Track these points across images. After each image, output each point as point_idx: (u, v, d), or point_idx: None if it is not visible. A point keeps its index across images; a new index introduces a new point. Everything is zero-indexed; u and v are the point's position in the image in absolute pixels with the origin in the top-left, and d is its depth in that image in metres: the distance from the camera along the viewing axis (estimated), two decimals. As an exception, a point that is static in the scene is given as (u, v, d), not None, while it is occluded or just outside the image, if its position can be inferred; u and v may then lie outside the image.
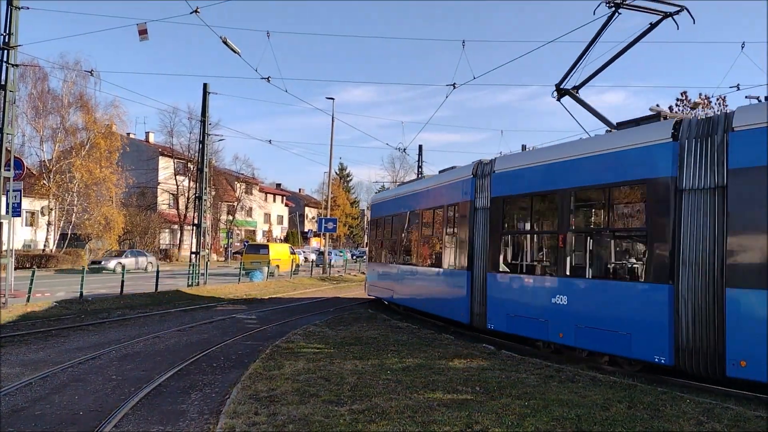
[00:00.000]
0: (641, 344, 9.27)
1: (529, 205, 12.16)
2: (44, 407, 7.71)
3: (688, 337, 8.66)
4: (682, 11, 10.90)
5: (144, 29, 18.14)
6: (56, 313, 16.93)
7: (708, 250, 8.55)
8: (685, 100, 33.19)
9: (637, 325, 9.35)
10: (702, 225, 8.64)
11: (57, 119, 43.96)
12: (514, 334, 12.17)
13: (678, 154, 8.99)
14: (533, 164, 12.02)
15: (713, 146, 8.63)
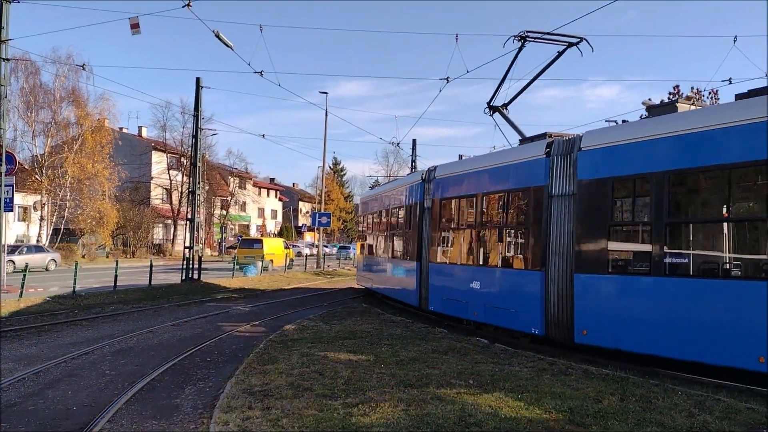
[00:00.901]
0: (524, 319, 11.51)
1: (457, 206, 14.53)
2: (38, 402, 7.70)
3: (554, 312, 10.87)
4: (583, 41, 12.96)
5: (136, 23, 18.07)
6: (49, 308, 16.87)
7: (566, 243, 10.74)
8: (677, 94, 33.27)
9: (521, 303, 11.68)
10: (563, 223, 10.86)
11: (49, 114, 43.74)
12: (447, 314, 14.52)
13: (549, 167, 11.19)
14: (460, 173, 14.48)
15: (569, 162, 10.85)
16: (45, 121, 43.73)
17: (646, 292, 9.43)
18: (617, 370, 9.00)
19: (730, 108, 8.71)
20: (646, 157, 9.50)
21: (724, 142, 8.39)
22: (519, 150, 12.68)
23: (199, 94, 26.40)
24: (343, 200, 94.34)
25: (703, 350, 8.54)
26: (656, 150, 9.35)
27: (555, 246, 10.91)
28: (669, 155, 9.17)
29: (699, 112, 9.56)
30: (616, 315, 9.84)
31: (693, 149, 8.80)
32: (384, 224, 20.31)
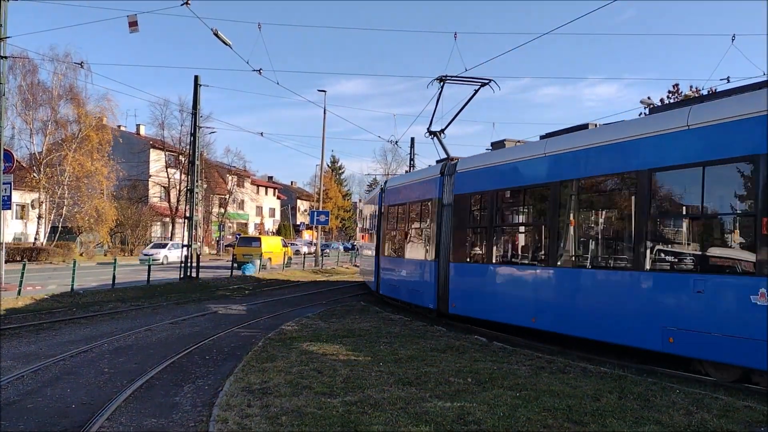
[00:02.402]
0: (426, 298, 15.81)
1: (396, 211, 19.20)
2: (36, 400, 7.70)
3: (441, 292, 14.95)
4: (491, 82, 16.13)
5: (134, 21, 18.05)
6: (48, 306, 16.88)
7: (447, 240, 14.97)
8: (676, 92, 33.31)
9: (425, 286, 15.91)
10: (447, 225, 15.04)
11: (47, 112, 43.75)
12: (391, 297, 18.93)
13: (441, 184, 15.42)
14: (399, 185, 19.42)
15: (451, 181, 15.12)
16: (43, 119, 43.75)
17: (485, 275, 13.58)
18: (615, 368, 9.02)
19: (521, 148, 13.37)
20: (486, 179, 13.80)
21: (519, 172, 12.76)
22: (426, 170, 18.11)
23: (197, 92, 26.39)
24: (341, 198, 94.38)
25: (517, 316, 12.35)
26: (489, 175, 13.70)
27: (443, 242, 15.09)
28: (495, 179, 13.51)
29: (510, 150, 13.86)
30: (470, 292, 14.06)
31: (506, 175, 13.23)
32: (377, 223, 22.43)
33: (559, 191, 11.36)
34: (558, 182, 11.40)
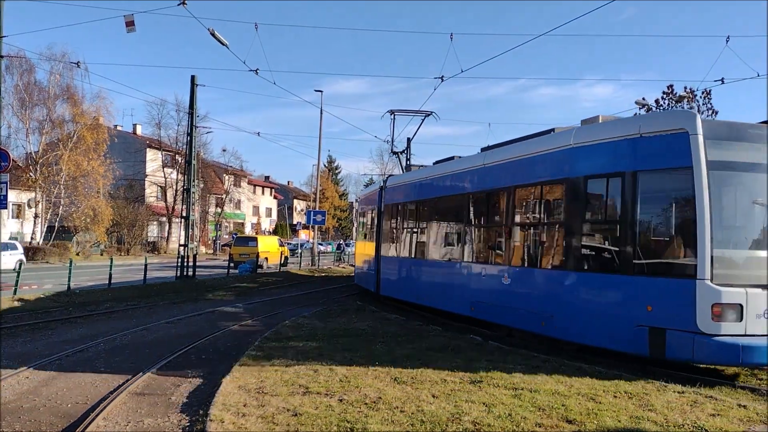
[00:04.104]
0: (371, 284, 20.91)
1: (365, 215, 24.05)
2: (32, 400, 7.70)
3: (383, 280, 19.57)
4: (432, 114, 22.10)
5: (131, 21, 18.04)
6: (44, 305, 16.85)
7: (383, 239, 19.89)
8: (670, 93, 33.42)
9: (371, 276, 20.87)
10: (383, 227, 19.99)
11: (44, 111, 43.65)
12: (358, 284, 24.01)
13: (381, 195, 20.30)
14: (366, 195, 24.55)
15: (383, 193, 20.16)
16: (39, 118, 43.65)
17: (401, 266, 18.08)
18: (610, 367, 9.05)
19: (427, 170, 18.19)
20: (399, 194, 18.85)
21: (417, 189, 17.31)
22: (372, 186, 25.00)
23: (194, 91, 26.38)
24: (338, 198, 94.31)
25: (429, 299, 15.90)
26: (401, 190, 18.73)
27: (383, 241, 19.92)
28: (404, 194, 18.43)
29: (415, 172, 19.80)
30: (390, 278, 19.03)
31: (409, 191, 17.94)
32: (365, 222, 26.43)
33: (431, 206, 16.38)
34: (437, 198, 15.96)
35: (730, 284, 8.40)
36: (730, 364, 8.96)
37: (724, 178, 8.85)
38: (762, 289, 8.46)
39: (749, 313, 8.34)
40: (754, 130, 9.20)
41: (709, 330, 8.29)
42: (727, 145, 8.86)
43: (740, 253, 9.01)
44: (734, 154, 8.88)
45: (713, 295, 8.31)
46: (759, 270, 8.68)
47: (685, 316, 8.48)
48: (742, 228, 9.22)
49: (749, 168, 8.95)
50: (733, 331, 8.29)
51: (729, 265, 8.66)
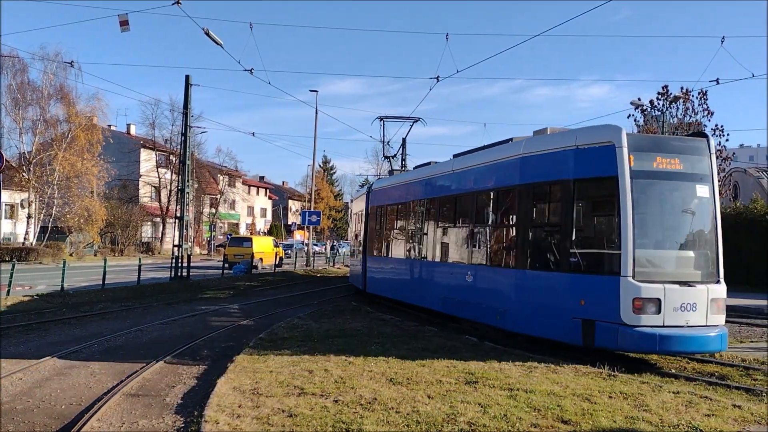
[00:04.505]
0: (359, 283, 21.89)
1: (355, 217, 25.48)
2: (26, 401, 7.66)
3: (369, 278, 20.69)
4: (420, 120, 23.53)
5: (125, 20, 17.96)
6: (37, 306, 16.76)
7: (369, 240, 20.99)
8: (665, 94, 33.48)
9: (360, 275, 21.69)
10: (369, 228, 21.13)
11: (37, 111, 43.34)
12: (351, 283, 24.80)
13: (368, 199, 21.44)
14: (357, 197, 26.32)
15: (369, 196, 21.49)
16: (33, 118, 43.36)
17: (383, 265, 19.49)
18: (605, 367, 9.06)
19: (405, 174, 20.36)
20: (381, 197, 20.27)
21: (394, 193, 19.07)
22: (364, 188, 24.76)
23: (188, 91, 26.28)
24: (333, 198, 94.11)
25: (407, 296, 17.08)
26: (383, 194, 20.25)
27: (368, 241, 21.07)
28: (385, 197, 19.95)
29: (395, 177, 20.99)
30: (376, 277, 20.06)
31: (389, 195, 19.59)
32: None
33: (408, 209, 17.84)
34: (414, 201, 17.18)
35: (650, 281, 9.43)
36: (649, 351, 10.02)
37: (646, 186, 9.88)
38: (679, 285, 9.50)
39: (666, 306, 9.36)
40: (675, 142, 10.62)
41: (631, 321, 9.30)
42: (650, 156, 9.93)
43: (659, 253, 10.08)
44: (656, 164, 9.95)
45: (634, 291, 9.32)
46: (676, 268, 9.91)
47: (611, 309, 9.49)
48: (662, 230, 10.31)
49: (669, 176, 10.04)
50: (652, 323, 9.30)
51: (649, 264, 9.69)
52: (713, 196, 10.25)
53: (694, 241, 10.34)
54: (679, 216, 10.40)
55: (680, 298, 9.45)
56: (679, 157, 10.08)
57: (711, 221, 10.27)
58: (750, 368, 9.72)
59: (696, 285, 9.66)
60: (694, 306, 9.51)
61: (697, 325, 9.51)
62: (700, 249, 10.28)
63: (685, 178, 10.13)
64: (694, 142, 10.41)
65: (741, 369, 9.69)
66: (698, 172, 10.21)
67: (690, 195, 10.22)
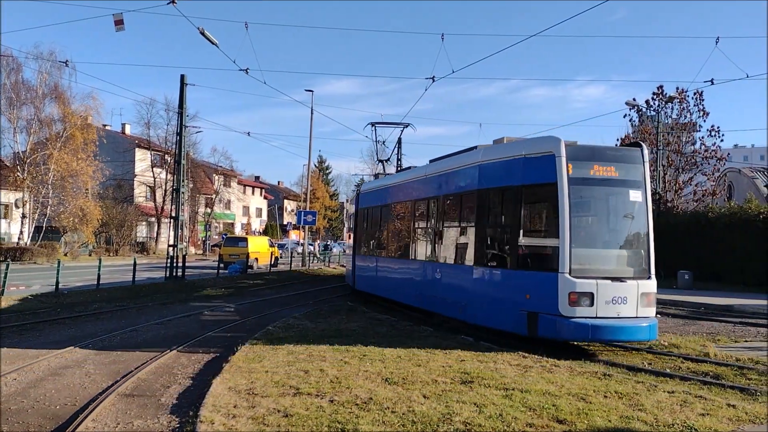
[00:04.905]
0: (350, 280, 22.86)
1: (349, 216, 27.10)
2: (20, 402, 7.64)
3: (357, 276, 21.72)
4: (410, 125, 24.82)
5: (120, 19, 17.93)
6: (31, 306, 16.71)
7: (358, 239, 22.19)
8: (661, 94, 33.58)
9: (350, 274, 22.82)
10: (358, 228, 22.15)
11: (31, 110, 43.19)
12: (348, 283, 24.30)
13: (357, 200, 22.64)
14: (351, 199, 27.10)
15: (358, 197, 22.64)
16: (27, 117, 43.21)
17: (369, 264, 20.54)
18: (600, 364, 9.08)
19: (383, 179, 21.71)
20: (367, 199, 21.34)
21: (376, 196, 20.30)
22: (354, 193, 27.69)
23: (183, 91, 26.23)
24: (328, 198, 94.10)
25: (389, 293, 18.20)
26: (368, 196, 21.37)
27: (357, 241, 22.16)
28: (370, 199, 20.96)
29: (380, 180, 22.39)
30: (363, 275, 21.05)
31: (372, 197, 20.74)
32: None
33: (388, 210, 18.90)
34: (393, 203, 18.52)
35: (585, 277, 10.43)
36: (583, 340, 10.96)
37: (583, 191, 11.00)
38: (611, 281, 10.53)
39: (599, 299, 10.35)
40: (611, 152, 11.55)
41: (568, 313, 10.32)
42: (587, 165, 10.92)
43: (594, 252, 11.12)
44: (591, 172, 10.97)
45: (571, 285, 10.34)
46: (607, 265, 10.97)
47: (551, 302, 10.51)
48: (597, 231, 11.65)
49: (605, 182, 11.09)
50: (586, 314, 10.31)
51: (584, 261, 10.66)
52: (646, 200, 11.16)
53: (627, 240, 11.35)
54: (614, 218, 11.56)
55: (612, 293, 10.43)
56: (615, 165, 11.09)
57: (643, 223, 11.15)
58: (744, 368, 9.75)
59: (627, 281, 10.66)
60: (624, 299, 10.50)
61: (627, 317, 10.50)
62: (632, 248, 11.27)
63: (619, 184, 11.14)
64: (628, 152, 11.44)
65: (735, 368, 9.72)
66: (632, 178, 11.18)
67: (624, 199, 11.19)
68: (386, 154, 27.27)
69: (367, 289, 20.59)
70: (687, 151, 33.83)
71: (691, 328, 14.81)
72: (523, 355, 10.14)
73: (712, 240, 26.32)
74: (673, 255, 27.50)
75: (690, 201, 33.96)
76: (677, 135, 33.83)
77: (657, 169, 32.45)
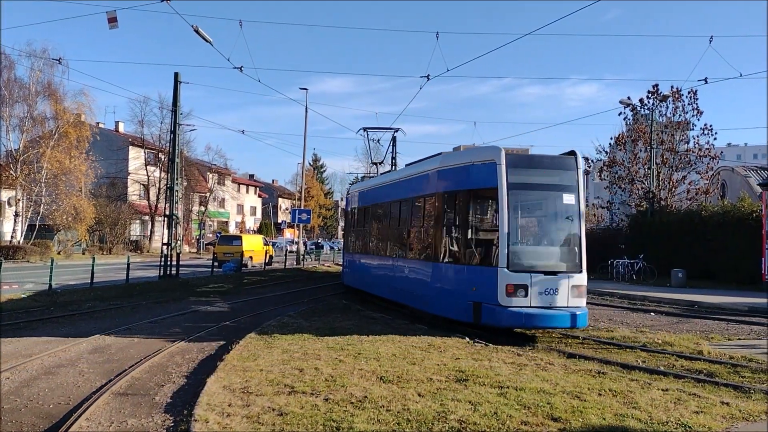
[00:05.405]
0: (341, 278, 24.32)
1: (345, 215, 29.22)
2: (13, 401, 7.60)
3: (345, 272, 23.51)
4: (399, 130, 26.83)
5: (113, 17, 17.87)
6: (24, 305, 16.62)
7: (347, 238, 24.13)
8: (655, 93, 33.66)
9: (342, 270, 24.59)
10: (346, 228, 25.02)
11: (24, 108, 43.00)
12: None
13: (348, 199, 23.85)
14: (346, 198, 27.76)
15: (352, 197, 23.12)
16: (20, 115, 43.02)
17: (354, 261, 21.72)
18: (595, 362, 9.10)
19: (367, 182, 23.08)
20: (353, 200, 22.57)
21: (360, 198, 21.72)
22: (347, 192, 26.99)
23: (177, 89, 26.13)
24: (323, 197, 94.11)
25: (370, 287, 19.32)
26: (354, 198, 22.63)
27: (346, 239, 23.67)
28: (356, 200, 22.21)
29: (365, 182, 23.60)
30: (350, 271, 22.66)
31: (357, 199, 21.96)
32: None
33: (369, 211, 20.34)
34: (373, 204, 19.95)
35: (521, 271, 11.67)
36: (518, 327, 12.20)
37: (520, 195, 12.26)
38: (544, 274, 11.73)
39: (533, 291, 11.61)
40: (547, 159, 12.70)
41: (505, 303, 11.59)
42: (525, 171, 12.23)
43: (530, 249, 12.59)
44: (529, 178, 12.30)
45: (508, 278, 11.59)
46: (542, 261, 12.11)
47: (491, 293, 11.77)
48: (533, 230, 13.15)
49: (541, 187, 12.51)
50: (521, 304, 11.57)
51: (521, 257, 11.91)
52: (578, 203, 12.28)
53: (561, 239, 12.59)
54: (549, 219, 12.96)
55: (545, 285, 11.69)
56: (551, 172, 12.43)
57: (576, 223, 12.32)
58: (738, 365, 9.79)
59: (559, 274, 11.85)
60: (556, 291, 11.72)
61: (559, 306, 11.70)
62: (565, 245, 12.45)
63: (554, 189, 12.41)
64: (563, 159, 12.55)
65: (729, 366, 9.76)
66: (566, 183, 12.34)
67: (558, 202, 12.45)
68: (380, 157, 27.94)
69: (353, 284, 21.96)
70: (681, 150, 33.93)
71: (684, 326, 14.87)
72: (518, 353, 10.16)
73: (706, 238, 26.41)
74: (667, 253, 27.67)
75: (683, 199, 34.08)
76: (671, 133, 33.92)
77: (651, 168, 32.55)
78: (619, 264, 28.36)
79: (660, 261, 27.20)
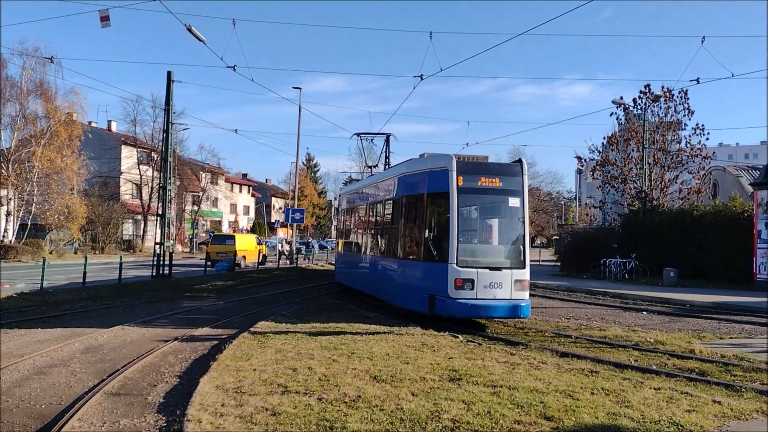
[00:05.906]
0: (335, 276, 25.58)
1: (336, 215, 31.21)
2: (5, 401, 7.55)
3: (336, 270, 25.46)
4: (391, 135, 27.68)
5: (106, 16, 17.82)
6: (16, 304, 16.54)
7: (336, 237, 28.97)
8: (647, 93, 33.76)
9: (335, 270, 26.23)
10: (337, 227, 28.70)
11: (16, 107, 42.81)
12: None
13: (339, 200, 26.07)
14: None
15: (341, 198, 25.14)
16: (11, 114, 42.81)
17: (342, 258, 23.52)
18: (587, 361, 9.13)
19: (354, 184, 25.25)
20: (342, 201, 23.83)
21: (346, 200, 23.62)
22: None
23: (170, 88, 26.05)
24: (316, 196, 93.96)
25: (354, 283, 20.55)
26: (343, 199, 24.12)
27: (336, 238, 25.80)
28: (343, 202, 23.91)
29: (352, 185, 24.96)
30: (338, 268, 24.60)
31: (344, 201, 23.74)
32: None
33: (354, 211, 21.98)
34: (355, 206, 21.71)
35: (468, 266, 12.92)
36: (466, 316, 13.18)
37: (469, 198, 13.56)
38: (489, 270, 13.01)
39: (479, 284, 12.83)
40: (495, 166, 14.16)
41: (454, 295, 12.82)
42: (475, 177, 13.41)
43: (477, 246, 13.92)
44: (477, 183, 13.44)
45: (456, 273, 12.85)
46: (487, 257, 13.50)
47: (443, 287, 12.96)
48: (480, 230, 14.59)
49: (488, 191, 13.67)
50: (468, 296, 12.81)
51: (468, 254, 13.17)
52: (523, 206, 13.53)
53: (506, 238, 14.07)
54: (495, 220, 14.41)
55: (489, 279, 12.90)
56: (498, 177, 13.60)
57: (520, 223, 13.59)
58: (730, 364, 9.84)
59: (502, 269, 13.08)
60: (500, 285, 12.92)
61: (502, 299, 12.91)
62: (509, 244, 13.81)
63: (501, 193, 13.65)
64: (510, 166, 14.07)
65: (721, 365, 9.81)
66: (512, 188, 13.59)
67: (504, 205, 13.73)
68: (374, 160, 28.83)
69: (342, 280, 23.60)
70: (672, 150, 34.06)
71: (676, 325, 14.93)
72: (511, 353, 10.18)
73: (697, 237, 26.53)
74: (659, 252, 27.79)
75: (675, 199, 34.20)
76: (663, 133, 34.04)
77: (643, 167, 32.67)
78: (611, 263, 28.46)
79: (652, 260, 27.31)
